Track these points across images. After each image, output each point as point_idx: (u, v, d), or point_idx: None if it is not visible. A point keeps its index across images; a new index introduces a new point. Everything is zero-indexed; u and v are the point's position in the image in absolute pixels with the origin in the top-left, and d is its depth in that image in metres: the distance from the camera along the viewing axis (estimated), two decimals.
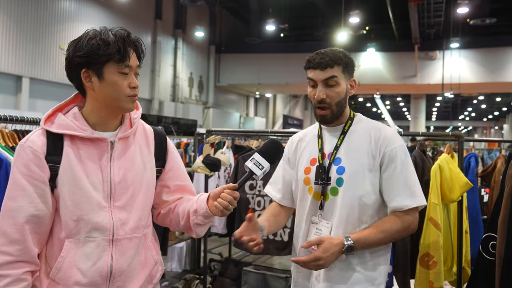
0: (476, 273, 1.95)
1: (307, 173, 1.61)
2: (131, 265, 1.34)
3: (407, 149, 1.57)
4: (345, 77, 1.57)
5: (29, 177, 1.25)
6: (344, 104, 1.59)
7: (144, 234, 1.39)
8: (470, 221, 2.70)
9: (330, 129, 1.62)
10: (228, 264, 3.72)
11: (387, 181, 1.52)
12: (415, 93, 20.74)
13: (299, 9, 17.35)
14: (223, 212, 1.34)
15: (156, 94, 15.64)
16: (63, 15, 11.97)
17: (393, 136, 1.55)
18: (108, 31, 1.28)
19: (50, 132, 1.29)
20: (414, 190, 1.51)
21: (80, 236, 1.28)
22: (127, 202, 1.34)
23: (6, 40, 10.33)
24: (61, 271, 1.27)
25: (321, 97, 1.54)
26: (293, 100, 27.28)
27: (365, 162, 1.52)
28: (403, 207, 1.49)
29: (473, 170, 3.08)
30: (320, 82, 1.55)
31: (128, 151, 1.36)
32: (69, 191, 1.27)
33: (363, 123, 1.62)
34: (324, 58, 1.53)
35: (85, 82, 1.30)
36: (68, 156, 1.28)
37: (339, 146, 1.57)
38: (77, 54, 1.26)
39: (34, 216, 1.25)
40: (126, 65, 1.28)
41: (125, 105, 1.31)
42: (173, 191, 1.48)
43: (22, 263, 1.24)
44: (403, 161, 1.52)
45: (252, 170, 1.38)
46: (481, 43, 16.69)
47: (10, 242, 1.23)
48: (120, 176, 1.33)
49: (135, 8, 14.54)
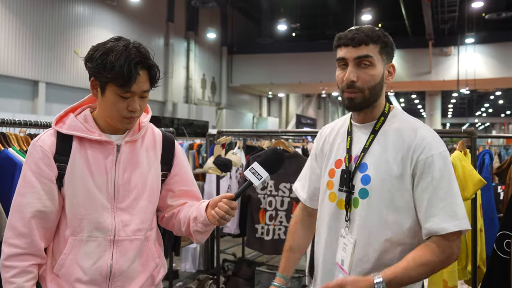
0: (491, 272, 1.91)
1: (331, 175, 1.40)
2: (132, 266, 1.36)
3: (447, 156, 1.27)
4: (383, 59, 1.30)
5: (38, 174, 1.30)
6: (379, 92, 1.31)
7: (146, 236, 1.40)
8: (485, 219, 2.66)
9: (360, 126, 1.37)
10: (242, 264, 3.73)
11: (420, 197, 1.24)
12: (430, 90, 20.47)
13: (310, 8, 17.31)
14: (220, 222, 1.32)
15: (170, 96, 15.78)
16: (77, 20, 12.18)
17: (431, 140, 1.26)
18: (123, 52, 1.25)
19: (60, 132, 1.33)
20: (455, 209, 1.21)
21: (83, 235, 1.32)
22: (130, 204, 1.36)
23: (23, 47, 10.56)
24: (64, 267, 1.31)
25: (351, 78, 1.28)
26: (306, 100, 27.20)
27: (395, 172, 1.26)
28: (439, 230, 1.20)
29: (488, 167, 3.03)
30: (351, 61, 1.28)
31: (134, 154, 1.38)
32: (74, 191, 1.31)
33: (398, 121, 1.33)
34: (358, 34, 1.27)
35: (92, 89, 1.34)
36: (75, 157, 1.32)
37: (367, 148, 1.32)
38: (88, 64, 1.30)
39: (41, 212, 1.30)
40: (127, 90, 1.27)
41: (119, 124, 1.33)
42: (177, 196, 1.49)
43: (29, 255, 1.30)
44: (442, 172, 1.22)
45: (250, 180, 1.32)
46: (497, 37, 16.38)
47: (18, 235, 1.28)
48: (124, 179, 1.36)
49: (147, 12, 14.69)
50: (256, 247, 3.16)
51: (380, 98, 1.33)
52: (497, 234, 1.90)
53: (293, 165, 3.02)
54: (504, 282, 1.82)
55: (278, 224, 3.06)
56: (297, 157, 3.08)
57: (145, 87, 1.31)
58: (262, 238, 3.09)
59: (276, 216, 3.06)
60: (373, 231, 1.28)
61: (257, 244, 3.13)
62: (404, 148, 1.27)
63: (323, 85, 19.84)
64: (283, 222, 3.05)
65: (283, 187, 3.05)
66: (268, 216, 3.08)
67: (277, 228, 3.06)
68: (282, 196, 3.06)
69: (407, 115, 1.38)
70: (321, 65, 18.04)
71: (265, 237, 3.08)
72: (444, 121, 36.20)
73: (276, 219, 3.06)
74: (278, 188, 3.05)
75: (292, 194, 3.04)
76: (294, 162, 3.03)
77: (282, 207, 3.05)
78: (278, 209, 3.06)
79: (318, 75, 18.17)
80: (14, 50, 10.34)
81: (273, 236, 3.07)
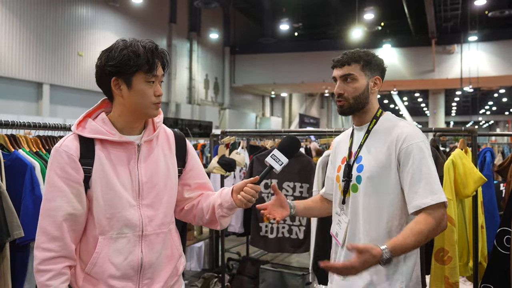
0: (491, 267, 1.95)
1: (338, 171, 1.70)
2: (159, 258, 1.44)
3: (428, 146, 1.54)
4: (365, 74, 1.63)
5: (65, 179, 1.34)
6: (364, 100, 1.63)
7: (170, 229, 1.49)
8: (486, 216, 2.69)
9: (359, 128, 1.68)
10: (246, 262, 3.77)
11: (404, 179, 1.51)
12: (433, 88, 20.42)
13: (312, 8, 17.30)
14: (247, 204, 1.45)
15: (173, 97, 15.84)
16: (80, 23, 12.25)
17: (411, 133, 1.53)
18: (138, 43, 1.36)
19: (82, 136, 1.39)
20: (432, 186, 1.46)
21: (112, 233, 1.37)
22: (154, 200, 1.44)
23: (27, 49, 10.65)
24: (97, 266, 1.37)
25: (338, 91, 1.64)
26: (309, 99, 27.20)
27: (383, 160, 1.54)
28: (421, 205, 1.46)
29: (489, 164, 3.05)
30: (339, 78, 1.65)
31: (152, 153, 1.45)
32: (102, 191, 1.36)
33: (386, 122, 1.63)
34: (343, 57, 1.64)
35: (114, 90, 1.38)
36: (100, 159, 1.37)
37: (362, 144, 1.63)
38: (109, 64, 1.34)
39: (71, 215, 1.34)
40: (153, 74, 1.36)
41: (150, 111, 1.40)
42: (193, 189, 1.58)
43: (62, 258, 1.34)
44: (420, 157, 1.49)
45: (271, 165, 1.49)
46: (500, 35, 16.31)
47: (51, 240, 1.33)
48: (147, 177, 1.42)
49: (150, 13, 14.75)
50: (260, 246, 3.20)
51: (368, 105, 1.65)
52: (497, 230, 1.93)
53: (296, 164, 3.06)
54: (504, 277, 1.85)
55: (282, 222, 3.09)
56: (300, 156, 3.11)
57: (162, 72, 1.42)
58: (266, 236, 3.13)
59: None
60: (370, 210, 1.56)
61: (261, 243, 3.17)
62: (389, 140, 1.56)
63: (325, 84, 19.84)
64: (287, 220, 3.09)
65: (287, 186, 3.09)
66: None
67: (281, 227, 3.10)
68: (286, 194, 3.09)
69: (395, 117, 1.68)
70: (323, 64, 17.96)
71: (269, 236, 3.12)
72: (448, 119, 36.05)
73: None
74: (281, 187, 3.09)
75: (296, 192, 3.08)
76: (298, 161, 3.07)
77: None
78: None
79: (321, 74, 18.17)
80: (18, 53, 10.43)
81: (277, 234, 3.11)
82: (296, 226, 3.06)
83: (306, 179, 3.03)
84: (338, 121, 31.74)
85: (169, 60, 1.45)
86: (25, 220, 1.83)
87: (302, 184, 3.05)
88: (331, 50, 18.48)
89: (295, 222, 3.07)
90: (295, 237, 3.06)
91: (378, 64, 1.66)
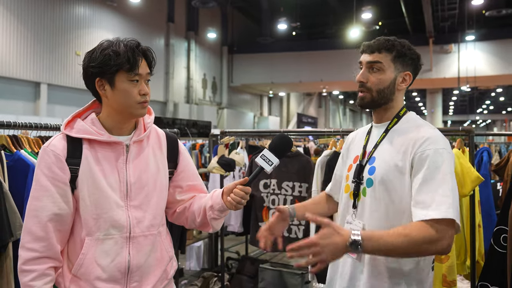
0: (489, 266, 1.97)
1: (349, 170, 1.55)
2: (148, 261, 1.42)
3: (450, 156, 1.35)
4: (395, 67, 1.46)
5: (52, 178, 1.33)
6: (389, 96, 1.46)
7: (159, 231, 1.47)
8: (483, 215, 2.71)
9: (378, 126, 1.52)
10: (245, 262, 3.79)
11: (414, 184, 1.33)
12: (431, 88, 20.47)
13: (310, 7, 17.33)
14: (237, 206, 1.43)
15: (171, 96, 15.83)
16: (78, 22, 12.23)
17: (430, 137, 1.36)
18: (120, 42, 1.36)
19: (70, 136, 1.38)
20: (442, 199, 1.26)
21: (99, 234, 1.36)
22: (142, 201, 1.42)
23: (24, 49, 10.63)
24: (83, 267, 1.35)
25: (360, 79, 1.47)
26: (307, 98, 27.22)
27: (398, 164, 1.38)
28: (422, 216, 1.26)
29: (486, 164, 3.08)
30: (364, 65, 1.48)
31: (142, 154, 1.44)
32: (89, 191, 1.35)
33: (408, 122, 1.47)
34: (374, 42, 1.48)
35: (99, 90, 1.39)
36: (87, 159, 1.36)
37: (378, 144, 1.47)
38: (91, 65, 1.35)
39: (57, 215, 1.33)
40: (135, 73, 1.35)
41: (135, 111, 1.39)
42: (185, 191, 1.56)
43: (46, 259, 1.33)
44: (436, 166, 1.30)
45: (261, 166, 1.43)
46: (497, 34, 16.37)
47: (35, 239, 1.31)
48: (135, 177, 1.41)
49: (148, 13, 14.74)
50: (260, 245, 3.21)
51: (392, 102, 1.48)
52: (494, 229, 1.95)
53: (295, 164, 3.08)
54: (501, 275, 1.88)
55: None
56: (299, 156, 3.14)
57: (147, 70, 1.40)
58: None
59: None
60: (377, 216, 1.40)
61: None
62: (407, 143, 1.39)
63: (323, 83, 19.87)
64: None
65: (286, 185, 3.11)
66: (271, 214, 3.13)
67: None
68: (285, 194, 3.11)
69: (419, 118, 1.50)
70: (321, 64, 18.08)
71: None
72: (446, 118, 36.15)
73: None
74: (281, 187, 3.11)
75: (295, 192, 3.10)
76: (296, 161, 3.09)
77: (285, 205, 3.11)
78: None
79: (319, 74, 18.21)
80: (15, 52, 10.40)
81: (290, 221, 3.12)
82: (295, 225, 3.08)
83: (305, 178, 3.05)
84: (336, 121, 31.79)
85: (154, 57, 1.43)
86: None
87: (301, 183, 3.07)
88: (329, 50, 18.54)
89: (294, 221, 3.09)
90: (294, 236, 3.08)
91: (413, 59, 1.49)
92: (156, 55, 1.45)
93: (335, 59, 17.39)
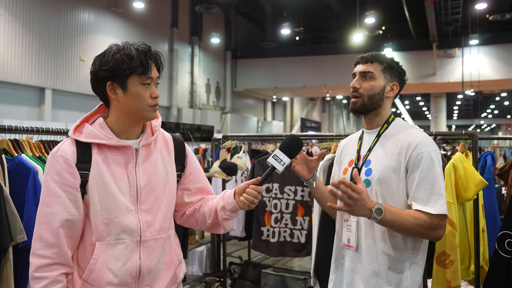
0: (493, 271, 1.94)
1: (344, 173, 1.70)
2: (158, 264, 1.42)
3: (438, 156, 1.55)
4: (385, 76, 1.64)
5: (62, 184, 1.33)
6: (379, 102, 1.63)
7: (168, 235, 1.47)
8: (487, 220, 2.68)
9: (369, 132, 1.68)
10: (248, 266, 3.77)
11: (410, 185, 1.52)
12: (435, 92, 20.43)
13: (313, 12, 17.37)
14: (250, 206, 1.44)
15: (174, 101, 15.88)
16: (82, 27, 12.32)
17: (422, 141, 1.54)
18: (131, 46, 1.37)
19: (79, 141, 1.37)
20: (436, 198, 1.48)
21: (110, 239, 1.35)
22: (152, 205, 1.42)
23: (29, 54, 10.71)
24: (94, 273, 1.34)
25: (354, 85, 1.65)
26: (310, 103, 27.22)
27: (392, 165, 1.54)
28: (423, 210, 1.48)
29: (490, 168, 3.06)
30: (358, 74, 1.65)
31: (151, 157, 1.44)
32: (99, 196, 1.35)
33: (398, 127, 1.64)
34: (367, 55, 1.66)
35: (110, 94, 1.38)
36: (97, 163, 1.36)
37: (372, 148, 1.63)
38: (103, 68, 1.34)
39: (68, 221, 1.33)
40: (148, 76, 1.36)
41: (147, 114, 1.39)
42: (194, 193, 1.56)
43: (58, 265, 1.32)
44: (429, 167, 1.50)
45: (273, 165, 1.48)
46: (501, 39, 16.34)
47: (47, 246, 1.30)
48: (145, 181, 1.41)
49: (151, 18, 14.83)
50: (262, 250, 3.20)
51: (381, 108, 1.65)
52: (499, 233, 1.93)
53: None
54: (506, 280, 1.85)
55: (283, 226, 3.10)
56: None
57: (157, 74, 1.42)
58: (268, 240, 3.14)
59: (282, 219, 3.11)
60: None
61: (263, 247, 3.17)
62: (400, 146, 1.56)
63: (327, 88, 19.87)
64: (288, 224, 3.09)
65: (288, 190, 3.10)
66: (274, 218, 3.12)
67: (283, 231, 3.11)
68: (287, 198, 3.10)
69: (406, 123, 1.69)
70: (325, 68, 18.09)
71: (271, 240, 3.12)
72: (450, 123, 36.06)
73: (281, 222, 3.11)
74: (283, 191, 3.10)
75: (297, 196, 3.08)
76: None
77: (287, 209, 3.10)
78: (283, 212, 3.10)
79: (322, 79, 18.21)
80: (20, 58, 10.48)
81: (279, 238, 3.11)
82: (298, 230, 3.06)
83: None
84: (340, 125, 31.74)
85: (163, 62, 1.44)
86: (28, 224, 1.84)
87: (304, 188, 3.06)
88: (332, 54, 18.56)
89: (296, 226, 3.08)
90: (297, 241, 3.07)
91: (399, 72, 1.68)
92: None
93: (338, 63, 17.38)
